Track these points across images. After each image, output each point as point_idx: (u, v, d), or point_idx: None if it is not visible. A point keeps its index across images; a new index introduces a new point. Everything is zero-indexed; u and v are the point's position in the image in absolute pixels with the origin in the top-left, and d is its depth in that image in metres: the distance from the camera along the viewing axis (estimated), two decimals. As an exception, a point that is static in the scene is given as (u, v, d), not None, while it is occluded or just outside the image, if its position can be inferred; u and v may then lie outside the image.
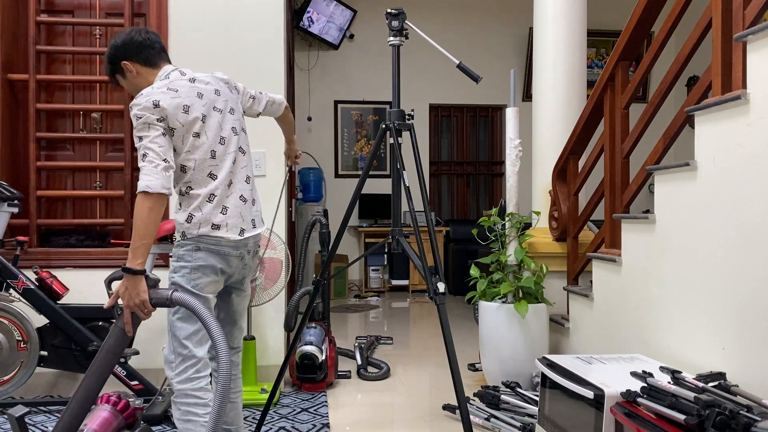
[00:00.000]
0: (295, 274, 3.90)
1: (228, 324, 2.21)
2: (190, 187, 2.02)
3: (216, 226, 2.01)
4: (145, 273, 1.86)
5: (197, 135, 2.00)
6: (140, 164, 1.88)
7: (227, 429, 2.22)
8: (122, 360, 3.06)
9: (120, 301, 1.89)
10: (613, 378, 2.03)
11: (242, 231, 2.08)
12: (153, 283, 1.91)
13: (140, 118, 1.91)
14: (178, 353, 2.00)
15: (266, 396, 3.00)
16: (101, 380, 1.89)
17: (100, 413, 2.13)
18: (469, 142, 8.39)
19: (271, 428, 2.83)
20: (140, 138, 1.91)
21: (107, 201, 3.82)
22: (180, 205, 2.05)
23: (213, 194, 2.02)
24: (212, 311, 2.10)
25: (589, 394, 2.00)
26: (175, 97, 1.96)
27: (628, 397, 1.84)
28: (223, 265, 2.05)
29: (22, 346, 3.07)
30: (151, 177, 1.85)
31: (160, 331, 3.39)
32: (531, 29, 4.61)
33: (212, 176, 2.03)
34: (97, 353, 1.91)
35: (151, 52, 2.08)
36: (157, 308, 1.91)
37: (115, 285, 1.92)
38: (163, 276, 3.31)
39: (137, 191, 1.86)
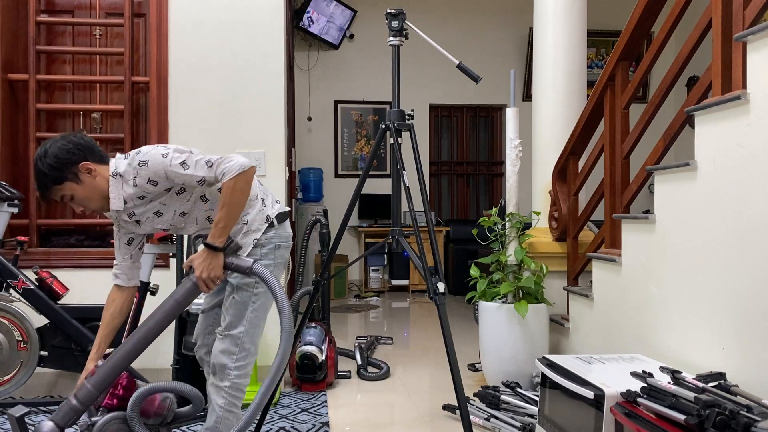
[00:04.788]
0: (295, 274, 3.90)
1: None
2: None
3: None
4: (225, 251, 1.91)
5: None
6: (212, 171, 1.90)
7: None
8: None
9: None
10: (613, 378, 2.03)
11: None
12: (236, 248, 1.96)
13: (166, 156, 1.91)
14: (244, 348, 2.07)
15: (266, 396, 2.99)
16: (163, 326, 1.91)
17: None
18: (469, 142, 8.39)
19: (271, 428, 2.83)
20: (183, 163, 1.91)
21: (107, 201, 3.81)
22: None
23: None
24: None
25: (589, 394, 2.00)
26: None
27: (628, 397, 1.84)
28: None
29: (22, 346, 3.07)
30: (234, 159, 1.90)
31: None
32: (531, 29, 4.61)
33: None
34: (165, 301, 1.91)
35: (98, 148, 2.01)
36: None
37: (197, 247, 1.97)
38: (159, 276, 3.33)
39: (226, 177, 1.87)
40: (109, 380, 1.86)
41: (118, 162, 1.98)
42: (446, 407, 3.05)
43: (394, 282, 7.43)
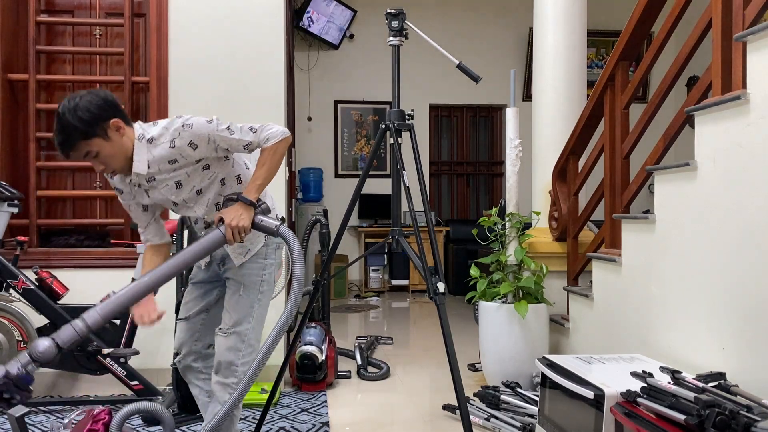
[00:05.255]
0: (295, 274, 3.89)
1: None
2: None
3: None
4: (255, 208, 1.96)
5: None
6: (256, 136, 2.00)
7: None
8: (122, 360, 3.07)
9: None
10: (613, 378, 2.03)
11: None
12: (266, 208, 2.00)
13: (211, 122, 1.97)
14: (250, 344, 2.12)
15: (266, 396, 2.99)
16: (183, 268, 1.95)
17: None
18: (469, 142, 8.39)
19: (271, 428, 2.83)
20: (229, 128, 1.99)
21: (107, 201, 3.82)
22: None
23: None
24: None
25: (589, 394, 2.00)
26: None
27: (628, 397, 1.84)
28: None
29: (22, 346, 3.07)
30: (274, 126, 2.02)
31: (160, 330, 3.39)
32: (531, 29, 4.61)
33: None
34: (192, 244, 1.93)
35: (122, 109, 1.98)
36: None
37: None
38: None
39: (270, 142, 1.98)
40: (118, 311, 1.85)
41: (145, 128, 1.98)
42: (446, 407, 3.05)
43: (394, 282, 7.43)
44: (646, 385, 1.81)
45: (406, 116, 2.53)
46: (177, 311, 2.98)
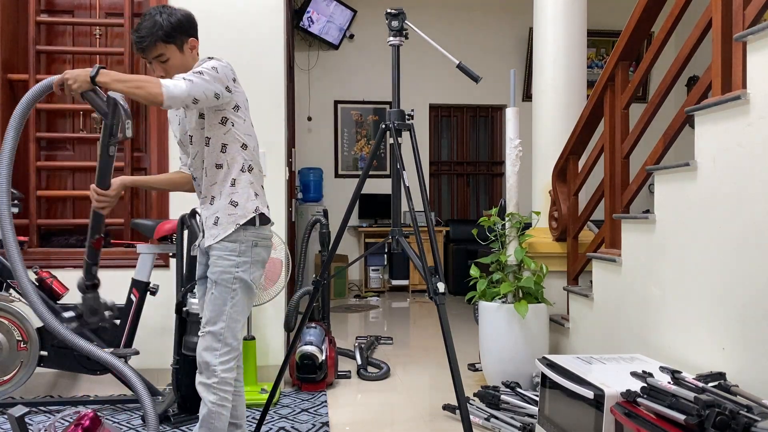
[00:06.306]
0: (295, 274, 3.90)
1: None
2: (252, 167, 2.15)
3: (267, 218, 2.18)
4: (93, 86, 1.86)
5: (251, 125, 2.20)
6: (178, 80, 1.93)
7: (234, 422, 2.22)
8: (122, 360, 3.06)
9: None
10: (613, 378, 2.03)
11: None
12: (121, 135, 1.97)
13: (215, 67, 2.01)
14: (227, 343, 2.07)
15: (266, 396, 2.99)
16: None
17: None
18: (469, 142, 8.39)
19: (271, 428, 2.83)
20: (200, 72, 1.96)
21: (107, 201, 3.81)
22: (234, 184, 2.11)
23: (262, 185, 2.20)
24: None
25: (589, 394, 2.00)
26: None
27: (628, 397, 1.84)
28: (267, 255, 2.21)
29: (22, 346, 3.07)
30: (179, 86, 1.89)
31: (160, 330, 3.39)
32: (531, 29, 4.61)
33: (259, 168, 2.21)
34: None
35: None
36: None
37: None
38: (159, 276, 3.32)
39: (175, 83, 1.90)
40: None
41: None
42: (446, 407, 3.05)
43: (394, 282, 7.43)
44: (646, 385, 1.82)
45: (406, 116, 2.53)
46: (177, 311, 2.98)
